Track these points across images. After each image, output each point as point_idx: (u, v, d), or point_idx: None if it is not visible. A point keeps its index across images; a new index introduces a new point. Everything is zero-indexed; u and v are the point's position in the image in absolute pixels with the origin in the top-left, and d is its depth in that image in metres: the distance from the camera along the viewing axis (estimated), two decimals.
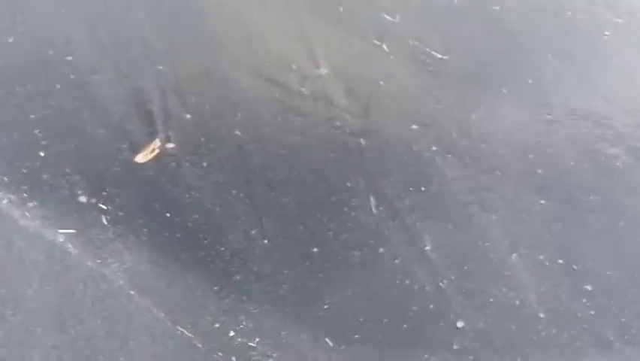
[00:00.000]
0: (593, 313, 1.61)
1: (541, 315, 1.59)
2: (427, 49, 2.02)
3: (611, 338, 1.58)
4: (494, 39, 2.03)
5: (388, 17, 2.05)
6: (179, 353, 1.49)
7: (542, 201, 1.73)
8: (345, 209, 1.71)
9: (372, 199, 1.73)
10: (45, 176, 1.69)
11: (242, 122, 1.86)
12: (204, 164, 1.78)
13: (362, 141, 1.82)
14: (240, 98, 1.89)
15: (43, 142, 1.78)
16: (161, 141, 1.83)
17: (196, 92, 1.89)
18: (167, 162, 1.78)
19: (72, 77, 1.88)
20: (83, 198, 1.73)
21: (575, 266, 1.65)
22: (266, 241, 1.65)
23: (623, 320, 1.60)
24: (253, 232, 1.67)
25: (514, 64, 2.01)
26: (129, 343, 1.51)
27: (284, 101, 1.88)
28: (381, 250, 1.65)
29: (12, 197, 1.65)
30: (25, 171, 1.69)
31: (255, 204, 1.71)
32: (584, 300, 1.63)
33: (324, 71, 1.97)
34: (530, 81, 1.98)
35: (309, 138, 1.83)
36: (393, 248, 1.64)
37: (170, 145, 1.82)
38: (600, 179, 1.79)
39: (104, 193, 1.73)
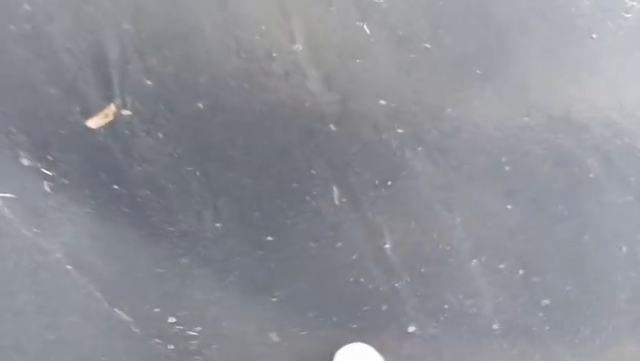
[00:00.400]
0: (547, 328, 1.57)
1: (495, 326, 1.55)
2: (412, 35, 1.91)
3: (562, 357, 1.55)
4: (483, 33, 1.93)
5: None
6: (113, 336, 1.40)
7: (509, 207, 1.67)
8: (307, 197, 1.62)
9: (335, 189, 1.64)
10: None
11: (205, 94, 1.74)
12: (160, 135, 1.67)
13: (332, 126, 1.72)
14: (206, 67, 1.76)
15: None
16: (116, 106, 1.71)
17: (160, 58, 1.76)
18: (120, 130, 1.66)
19: (26, 26, 1.72)
20: (25, 161, 1.60)
21: (535, 278, 1.60)
22: (218, 225, 1.56)
23: (576, 340, 1.57)
24: (206, 214, 1.57)
25: (501, 61, 1.91)
26: (61, 321, 1.42)
27: (252, 75, 1.76)
28: (339, 244, 1.57)
29: None
30: None
31: (211, 183, 1.61)
32: (541, 314, 1.59)
33: (299, 47, 1.85)
34: (514, 81, 1.89)
35: (275, 117, 1.73)
36: (352, 243, 1.57)
37: (126, 112, 1.70)
38: (571, 189, 1.73)
39: (49, 157, 1.61)
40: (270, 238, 1.54)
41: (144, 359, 1.38)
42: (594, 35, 1.95)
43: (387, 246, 1.55)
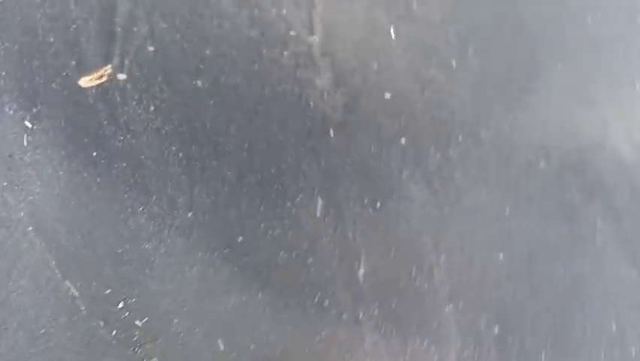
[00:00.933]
0: None
1: None
2: (438, 49, 1.76)
3: None
4: (513, 62, 1.77)
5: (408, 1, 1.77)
6: (58, 310, 1.35)
7: (501, 255, 1.55)
8: (288, 203, 1.53)
9: (320, 200, 1.54)
10: None
11: (207, 71, 1.64)
12: (151, 107, 1.58)
13: (331, 131, 1.61)
14: (214, 41, 1.65)
15: None
16: (113, 67, 1.62)
17: (169, 23, 1.66)
18: (112, 94, 1.58)
19: None
20: (9, 110, 1.54)
21: (510, 338, 1.48)
22: (190, 214, 1.48)
23: None
24: (180, 200, 1.49)
25: (526, 96, 1.76)
26: (9, 283, 1.37)
27: (261, 59, 1.65)
28: (310, 259, 1.48)
29: None
30: None
31: (192, 169, 1.53)
32: None
33: (315, 39, 1.72)
34: (535, 119, 1.73)
35: (274, 110, 1.62)
36: (325, 261, 1.48)
37: (122, 76, 1.61)
38: (572, 249, 1.60)
39: (34, 110, 1.54)
40: (240, 239, 1.45)
41: (84, 339, 1.32)
42: (638, 85, 1.77)
43: (362, 271, 1.45)
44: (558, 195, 1.63)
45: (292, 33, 1.73)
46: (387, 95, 1.70)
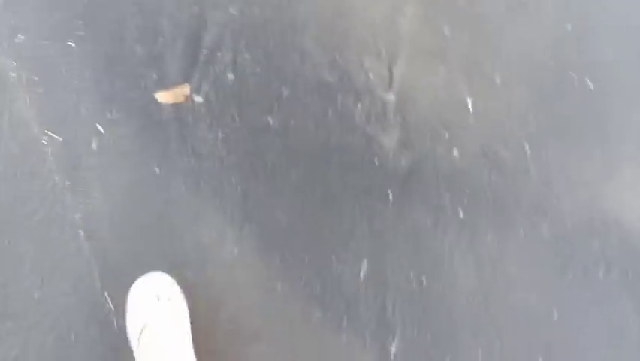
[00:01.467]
0: None
1: None
2: (515, 128, 1.72)
3: None
4: (596, 148, 1.70)
5: (491, 77, 1.75)
6: (91, 320, 1.38)
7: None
8: (333, 258, 1.51)
9: (365, 263, 1.51)
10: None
11: (280, 109, 1.64)
12: (220, 135, 1.60)
13: (390, 193, 1.59)
14: (293, 80, 1.66)
15: (79, 32, 1.62)
16: (190, 88, 1.64)
17: (252, 54, 1.68)
18: (185, 114, 1.61)
19: None
20: (85, 110, 1.58)
21: None
22: (236, 250, 1.48)
23: None
24: (228, 234, 1.49)
25: (604, 183, 1.69)
26: (49, 283, 1.40)
27: (334, 106, 1.65)
28: (345, 322, 1.45)
29: None
30: None
31: (247, 205, 1.54)
32: None
33: (392, 96, 1.70)
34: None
35: (338, 160, 1.61)
36: (359, 328, 1.44)
37: (199, 98, 1.63)
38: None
39: (109, 115, 1.58)
40: (278, 286, 1.44)
41: (109, 355, 1.33)
42: None
43: (394, 347, 1.41)
44: (612, 312, 1.56)
45: (369, 86, 1.72)
46: (453, 168, 1.66)
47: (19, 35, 1.60)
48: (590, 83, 1.77)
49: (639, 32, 1.85)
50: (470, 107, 1.73)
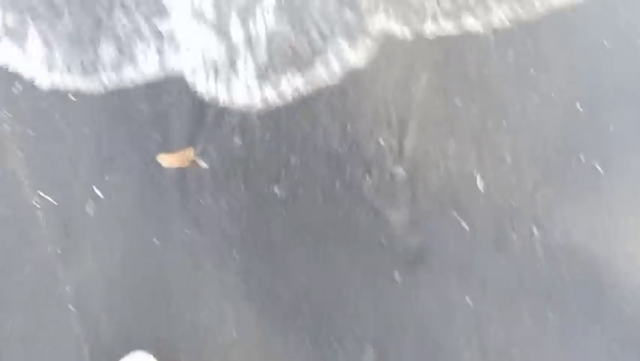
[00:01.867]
0: None
1: None
2: (523, 209, 1.69)
3: None
4: (603, 231, 1.68)
5: (501, 154, 1.72)
6: None
7: None
8: (335, 344, 1.45)
9: (370, 350, 1.45)
10: None
11: (287, 178, 1.58)
12: (223, 205, 1.53)
13: (397, 275, 1.53)
14: (301, 149, 1.60)
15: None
16: (195, 153, 1.57)
17: (260, 119, 1.62)
18: (188, 180, 1.53)
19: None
20: (81, 170, 1.49)
21: None
22: (234, 333, 1.40)
23: None
24: (228, 313, 1.42)
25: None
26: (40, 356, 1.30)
27: (343, 178, 1.59)
28: None
29: None
30: None
31: (247, 282, 1.46)
32: None
33: (401, 171, 1.66)
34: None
35: (343, 236, 1.55)
36: None
37: (204, 165, 1.56)
38: None
39: (106, 178, 1.50)
40: None
41: None
42: None
43: None
44: None
45: (379, 157, 1.67)
46: (461, 250, 1.62)
47: (16, 84, 1.52)
48: (599, 168, 1.76)
49: None
50: (479, 183, 1.70)
